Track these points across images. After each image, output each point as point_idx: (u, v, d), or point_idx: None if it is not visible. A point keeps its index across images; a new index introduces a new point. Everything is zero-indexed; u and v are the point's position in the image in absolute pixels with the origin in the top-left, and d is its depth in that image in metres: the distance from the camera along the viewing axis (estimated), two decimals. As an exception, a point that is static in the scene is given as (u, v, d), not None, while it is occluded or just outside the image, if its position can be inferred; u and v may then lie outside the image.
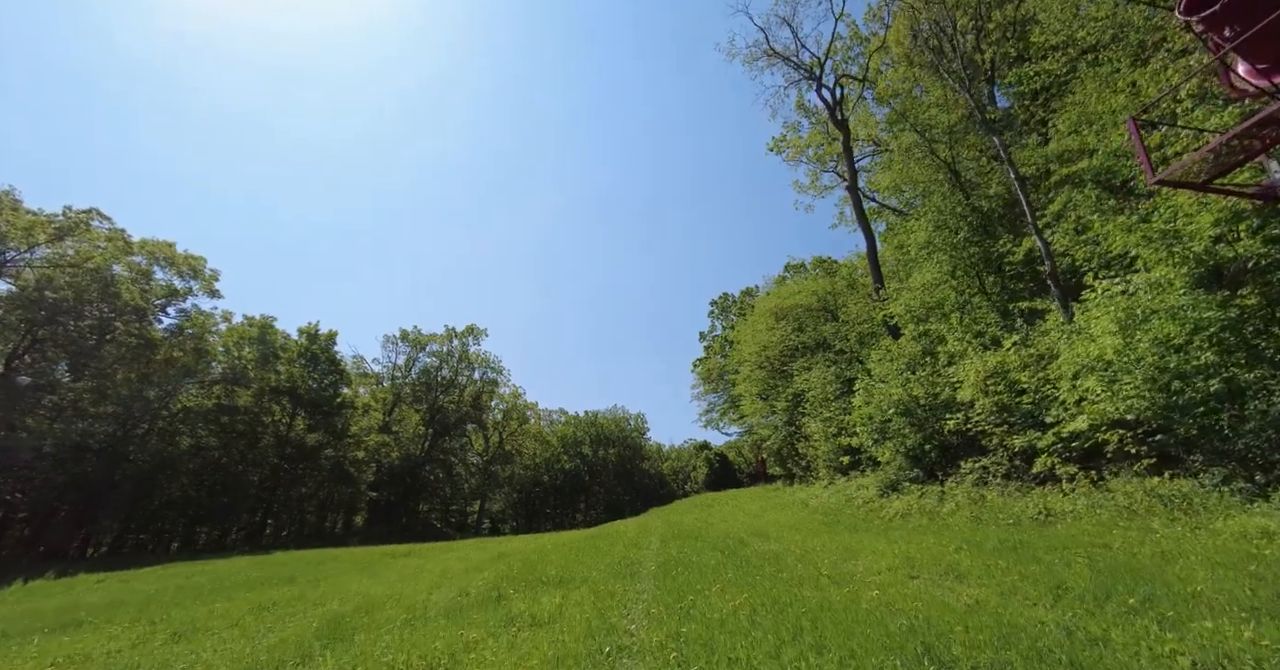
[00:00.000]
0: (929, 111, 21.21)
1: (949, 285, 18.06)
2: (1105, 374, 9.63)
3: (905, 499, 15.48)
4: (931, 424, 16.92)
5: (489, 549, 18.86)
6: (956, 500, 13.31)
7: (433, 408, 65.13)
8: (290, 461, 47.73)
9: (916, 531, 11.09)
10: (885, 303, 21.28)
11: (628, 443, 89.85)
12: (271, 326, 43.69)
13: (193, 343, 36.64)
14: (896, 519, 14.15)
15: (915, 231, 20.74)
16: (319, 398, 46.85)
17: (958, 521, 11.40)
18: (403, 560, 17.97)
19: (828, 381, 27.06)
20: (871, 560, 7.87)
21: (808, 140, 27.43)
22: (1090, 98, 14.31)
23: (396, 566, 15.36)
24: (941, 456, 16.76)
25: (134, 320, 33.60)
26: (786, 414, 32.80)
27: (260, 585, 12.52)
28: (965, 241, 18.95)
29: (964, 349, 16.35)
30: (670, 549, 11.61)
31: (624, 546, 12.80)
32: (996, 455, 14.24)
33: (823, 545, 10.25)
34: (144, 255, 38.48)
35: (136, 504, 32.97)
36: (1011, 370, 13.68)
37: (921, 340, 19.36)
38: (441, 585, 9.97)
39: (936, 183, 21.19)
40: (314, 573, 14.79)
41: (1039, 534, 8.40)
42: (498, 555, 14.86)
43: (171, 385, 36.13)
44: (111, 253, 33.82)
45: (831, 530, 12.98)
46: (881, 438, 18.50)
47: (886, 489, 17.38)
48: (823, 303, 30.52)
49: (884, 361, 19.61)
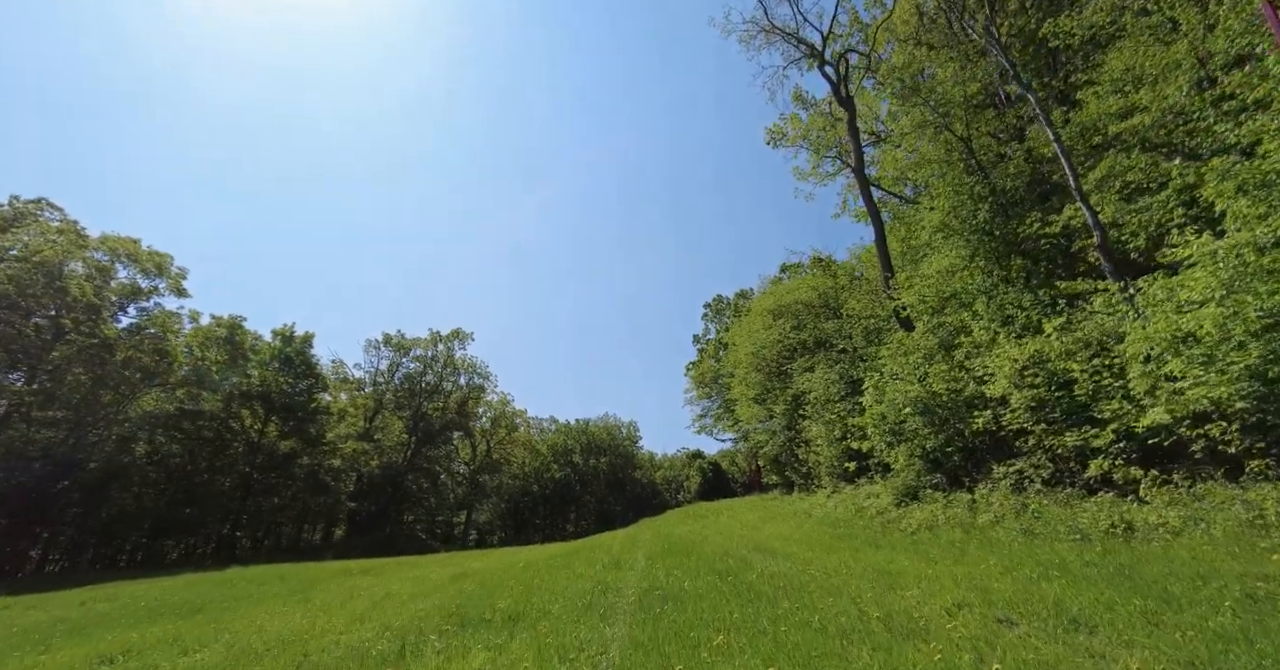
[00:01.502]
0: (942, 86, 19.46)
1: (976, 267, 16.20)
2: (1196, 353, 7.72)
3: (928, 508, 13.50)
4: (954, 423, 14.99)
5: (454, 566, 16.73)
6: (993, 510, 11.34)
7: (416, 414, 62.68)
8: (262, 470, 45.22)
9: (956, 548, 9.10)
10: (896, 292, 19.40)
11: (619, 451, 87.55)
12: (241, 327, 41.37)
13: (152, 343, 34.28)
14: (922, 531, 12.15)
15: (929, 214, 18.93)
16: (293, 403, 44.44)
17: (1004, 536, 9.42)
18: (355, 579, 15.79)
19: (831, 381, 25.11)
20: (926, 591, 5.87)
21: (809, 124, 25.66)
22: (1140, 52, 12.57)
23: (339, 588, 13.21)
24: (966, 460, 14.81)
25: (86, 319, 31.26)
26: (785, 418, 30.81)
27: (155, 617, 10.37)
28: (986, 222, 17.15)
29: (992, 338, 14.46)
30: (657, 570, 9.57)
31: (602, 567, 10.74)
32: (1034, 457, 12.31)
33: (846, 566, 8.24)
34: (105, 251, 36.25)
35: (88, 516, 30.49)
36: (1054, 358, 11.78)
37: (939, 332, 17.46)
38: (368, 618, 7.90)
39: (950, 164, 19.43)
40: (238, 596, 12.63)
41: (1136, 554, 6.43)
42: (458, 575, 12.76)
43: (129, 388, 33.73)
44: (65, 247, 31.54)
45: (849, 546, 10.97)
46: (896, 440, 16.52)
47: (903, 497, 15.40)
48: (824, 299, 28.66)
49: (898, 356, 17.70)
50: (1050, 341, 11.78)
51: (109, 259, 36.18)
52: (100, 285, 33.19)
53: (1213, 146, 10.52)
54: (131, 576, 22.97)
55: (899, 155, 24.02)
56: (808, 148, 26.37)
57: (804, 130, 25.94)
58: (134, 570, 26.81)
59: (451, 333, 65.19)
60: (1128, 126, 12.18)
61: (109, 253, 36.21)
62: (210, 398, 39.81)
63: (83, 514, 30.27)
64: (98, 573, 26.33)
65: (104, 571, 27.16)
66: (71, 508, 29.45)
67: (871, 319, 23.47)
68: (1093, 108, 13.20)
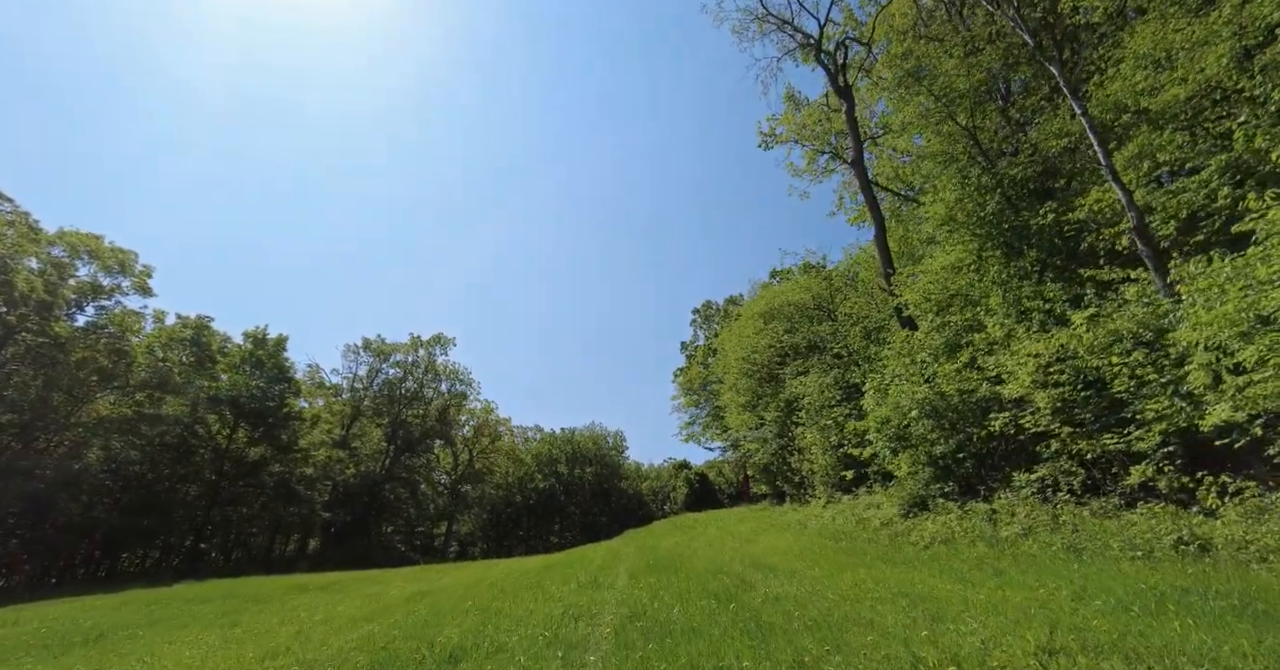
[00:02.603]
0: (945, 75, 18.48)
1: (992, 257, 15.10)
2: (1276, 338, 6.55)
3: (940, 520, 12.24)
4: (966, 427, 13.79)
5: (420, 582, 15.20)
6: (1018, 521, 10.10)
7: (395, 422, 60.65)
8: (230, 478, 43.15)
9: (988, 566, 7.83)
10: (898, 289, 18.28)
11: (605, 461, 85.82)
12: (208, 328, 39.47)
13: (109, 343, 32.35)
14: (937, 546, 10.88)
15: (932, 207, 17.88)
16: (264, 408, 42.47)
17: (1040, 551, 8.17)
18: (305, 597, 14.20)
19: (826, 386, 23.91)
20: (986, 626, 4.53)
21: (804, 119, 24.65)
22: (1167, 26, 11.58)
23: (280, 609, 11.65)
24: (979, 467, 13.60)
25: (36, 316, 29.37)
26: (777, 425, 29.54)
27: (39, 649, 8.77)
28: (995, 214, 16.11)
29: (1007, 335, 13.31)
30: (641, 590, 8.19)
31: (578, 585, 9.33)
32: (1059, 463, 11.10)
33: (865, 588, 6.93)
34: (63, 246, 34.40)
35: (34, 528, 28.36)
36: (1082, 353, 10.61)
37: (945, 330, 16.32)
38: (282, 653, 6.47)
39: (952, 158, 18.43)
40: (160, 619, 11.04)
41: (1248, 581, 5.16)
42: (417, 594, 11.27)
43: (83, 391, 31.75)
44: (15, 241, 29.69)
45: (860, 562, 9.67)
46: (900, 446, 15.29)
47: (911, 507, 14.13)
48: (817, 301, 27.55)
49: (901, 355, 16.53)
50: (1079, 334, 10.62)
51: (67, 255, 34.37)
52: (55, 281, 31.28)
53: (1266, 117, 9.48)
54: (73, 593, 21.12)
55: (899, 146, 23.07)
56: (802, 144, 25.36)
57: (799, 125, 24.93)
58: (78, 586, 24.84)
59: (433, 338, 63.43)
60: (1161, 101, 11.15)
61: (67, 248, 34.34)
62: (174, 401, 37.83)
63: (26, 525, 28.16)
64: (35, 589, 24.32)
65: (41, 588, 25.12)
66: (10, 519, 27.37)
67: (869, 319, 22.33)
68: (1119, 84, 12.22)
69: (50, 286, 30.38)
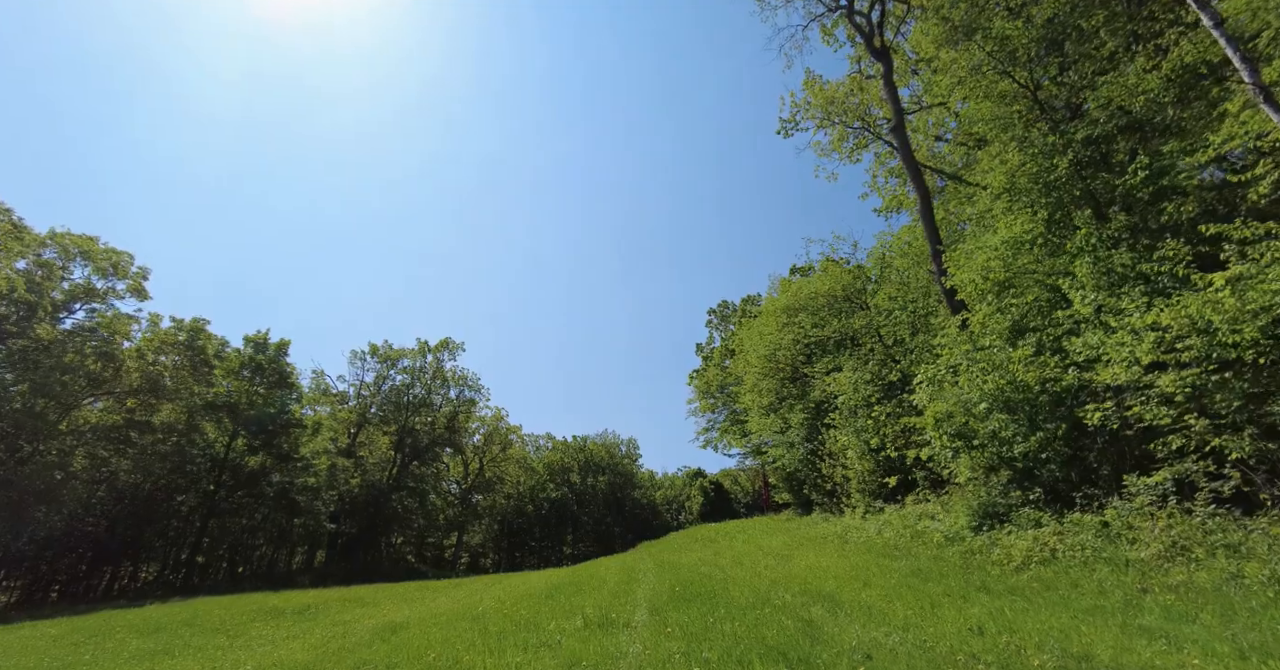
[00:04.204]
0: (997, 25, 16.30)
1: (1079, 217, 12.86)
2: None
3: (1031, 534, 9.96)
4: (1049, 422, 11.51)
5: (403, 607, 13.17)
6: (1156, 539, 7.83)
7: (403, 429, 58.76)
8: (228, 488, 41.41)
9: (1140, 605, 5.59)
10: (951, 269, 16.01)
11: (618, 470, 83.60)
12: (204, 331, 37.86)
13: (96, 347, 30.77)
14: (1035, 567, 8.62)
15: (991, 174, 15.69)
16: (263, 415, 40.76)
17: (1213, 581, 5.91)
18: (273, 625, 12.19)
19: (862, 383, 21.63)
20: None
21: (832, 91, 22.51)
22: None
23: (228, 642, 9.63)
24: (1070, 469, 11.29)
25: (19, 317, 27.86)
26: (805, 428, 27.23)
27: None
28: (1065, 178, 13.89)
29: (1097, 310, 11.05)
30: (670, 637, 6.05)
31: (584, 622, 7.20)
32: (1184, 463, 8.79)
33: (995, 641, 4.73)
34: (56, 248, 33.04)
35: (9, 543, 26.66)
36: (1221, 327, 8.34)
37: (1009, 312, 14.07)
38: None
39: (1008, 122, 16.24)
40: (69, 665, 9.02)
41: None
42: (386, 629, 9.18)
43: (70, 396, 30.15)
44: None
45: (942, 590, 7.48)
46: (966, 446, 13.01)
47: (985, 519, 11.85)
48: (848, 292, 25.28)
49: (961, 342, 14.28)
50: (1221, 299, 8.36)
51: (59, 256, 32.99)
52: (39, 281, 29.80)
53: None
54: (30, 617, 19.26)
55: (937, 119, 20.90)
56: (829, 121, 23.19)
57: (826, 100, 22.76)
58: (48, 608, 23.01)
59: (440, 343, 61.64)
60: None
61: (59, 250, 33.00)
62: (169, 408, 36.22)
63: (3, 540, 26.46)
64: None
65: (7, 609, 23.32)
66: (-11, 532, 25.69)
67: (917, 303, 20.05)
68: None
69: (33, 286, 28.88)
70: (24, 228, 29.87)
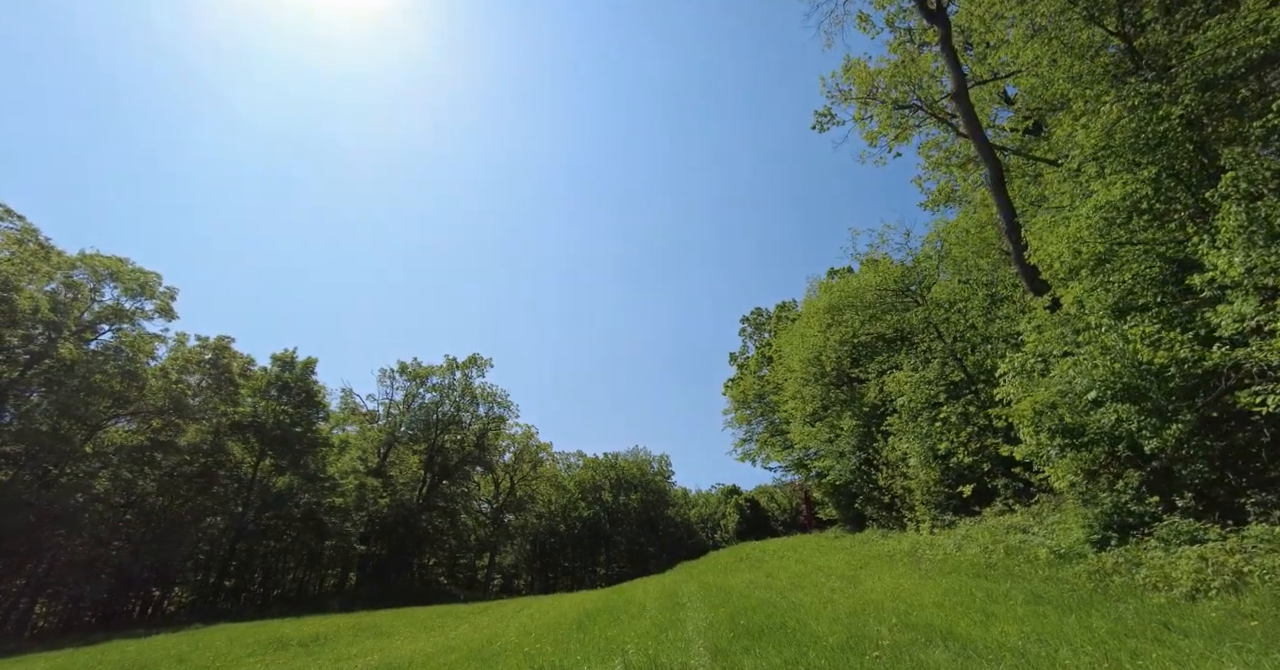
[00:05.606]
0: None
1: (1229, 156, 10.81)
2: None
3: (1195, 552, 7.80)
4: (1189, 413, 9.37)
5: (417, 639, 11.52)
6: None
7: (432, 448, 57.69)
8: (256, 510, 40.59)
9: None
10: (1034, 244, 13.92)
11: (651, 487, 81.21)
12: (229, 349, 37.39)
13: (120, 366, 30.27)
14: (1223, 595, 6.53)
15: (1081, 132, 13.67)
16: (290, 435, 40.00)
17: None
18: (275, 660, 10.64)
19: (925, 382, 19.48)
20: None
21: (875, 72, 20.73)
22: None
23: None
24: (1224, 469, 9.12)
25: (44, 338, 27.50)
26: (855, 436, 25.01)
27: None
28: (1176, 131, 11.88)
29: (1248, 271, 8.96)
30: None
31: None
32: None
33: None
34: (86, 269, 32.96)
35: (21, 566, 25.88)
36: None
37: (1113, 289, 11.96)
38: None
39: (1091, 78, 14.30)
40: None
41: None
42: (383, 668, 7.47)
43: (94, 417, 29.63)
44: (24, 259, 28.05)
45: (1106, 628, 5.52)
46: (1073, 443, 10.87)
47: (1110, 531, 9.68)
48: (901, 284, 23.18)
49: (1057, 324, 12.24)
50: None
51: (89, 278, 32.88)
52: (64, 301, 29.51)
53: None
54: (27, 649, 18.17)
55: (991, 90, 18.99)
56: (874, 101, 21.34)
57: (869, 77, 20.95)
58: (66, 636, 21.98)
59: (469, 359, 60.77)
60: None
61: (89, 271, 32.90)
62: (195, 428, 35.64)
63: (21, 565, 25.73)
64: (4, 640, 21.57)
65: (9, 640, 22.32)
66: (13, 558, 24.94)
67: (994, 285, 17.96)
68: None
69: (58, 306, 28.55)
70: (51, 248, 29.76)
